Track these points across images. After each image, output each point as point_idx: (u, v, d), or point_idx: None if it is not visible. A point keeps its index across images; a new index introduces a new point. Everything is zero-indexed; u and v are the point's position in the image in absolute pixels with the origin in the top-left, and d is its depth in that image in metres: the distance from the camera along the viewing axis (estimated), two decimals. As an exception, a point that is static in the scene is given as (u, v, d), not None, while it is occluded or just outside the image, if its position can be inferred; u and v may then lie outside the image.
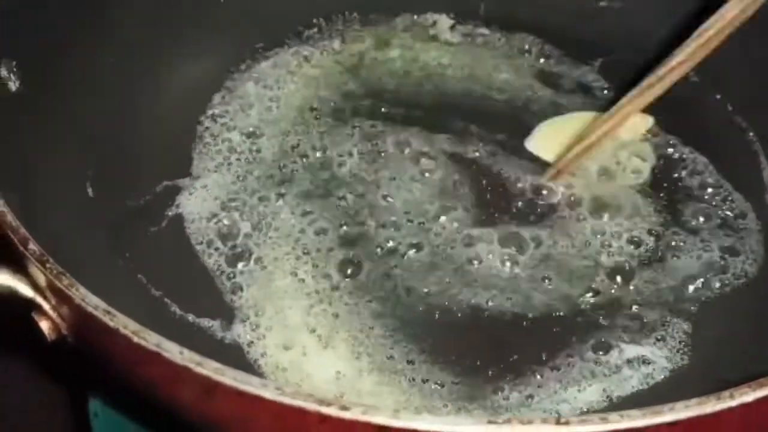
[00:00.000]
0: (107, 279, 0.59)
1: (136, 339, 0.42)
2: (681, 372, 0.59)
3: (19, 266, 0.47)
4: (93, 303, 0.43)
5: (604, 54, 0.77)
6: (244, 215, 0.66)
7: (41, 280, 0.46)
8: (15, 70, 0.60)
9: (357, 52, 0.77)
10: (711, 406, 0.38)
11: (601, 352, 0.59)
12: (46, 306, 0.47)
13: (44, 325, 0.48)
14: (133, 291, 0.61)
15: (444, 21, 0.80)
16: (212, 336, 0.60)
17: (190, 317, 0.61)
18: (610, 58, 0.77)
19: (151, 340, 0.42)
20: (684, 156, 0.70)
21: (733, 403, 0.38)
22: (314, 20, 0.79)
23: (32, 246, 0.46)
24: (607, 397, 0.58)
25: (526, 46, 0.78)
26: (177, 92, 0.72)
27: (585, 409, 0.57)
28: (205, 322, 0.61)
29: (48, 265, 0.45)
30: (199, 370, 0.40)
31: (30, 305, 0.47)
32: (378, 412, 0.39)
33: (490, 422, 0.38)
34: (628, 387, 0.58)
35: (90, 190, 0.64)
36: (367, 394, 0.57)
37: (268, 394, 0.39)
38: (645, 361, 0.59)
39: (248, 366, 0.58)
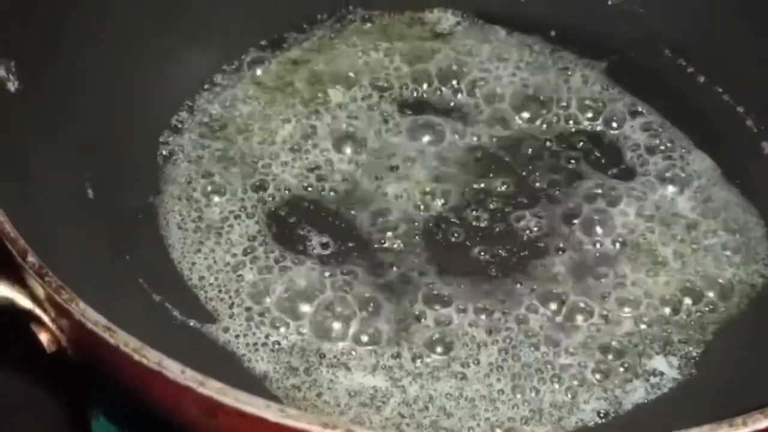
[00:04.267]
0: (107, 283, 0.59)
1: (137, 357, 0.41)
2: (688, 385, 0.58)
3: (17, 277, 0.46)
4: (93, 319, 0.42)
5: (613, 54, 0.76)
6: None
7: (40, 292, 0.45)
8: (14, 70, 0.59)
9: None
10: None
11: (610, 360, 0.59)
12: (45, 318, 0.46)
13: (43, 337, 0.47)
14: (134, 296, 0.60)
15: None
16: (214, 342, 0.60)
17: (192, 323, 0.60)
18: (618, 57, 0.75)
19: (152, 358, 0.41)
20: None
21: (746, 430, 0.37)
22: (318, 16, 0.78)
23: (31, 258, 0.45)
24: (616, 405, 0.57)
25: (534, 45, 0.77)
26: (180, 90, 0.71)
27: (591, 418, 0.56)
28: (208, 328, 0.60)
29: (47, 279, 0.44)
30: (201, 390, 0.40)
31: (29, 317, 0.47)
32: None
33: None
34: (635, 397, 0.57)
35: (90, 192, 0.63)
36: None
37: (271, 416, 0.39)
38: (654, 373, 0.58)
39: (247, 374, 0.58)
